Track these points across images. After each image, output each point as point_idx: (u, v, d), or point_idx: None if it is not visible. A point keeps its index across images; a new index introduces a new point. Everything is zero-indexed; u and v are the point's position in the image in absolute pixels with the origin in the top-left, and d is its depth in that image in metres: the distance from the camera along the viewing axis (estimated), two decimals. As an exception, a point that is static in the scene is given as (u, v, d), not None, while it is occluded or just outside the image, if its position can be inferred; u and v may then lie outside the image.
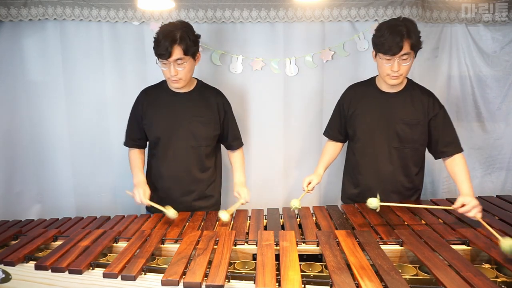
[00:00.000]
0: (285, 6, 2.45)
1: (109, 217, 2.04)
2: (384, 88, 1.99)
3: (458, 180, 1.90)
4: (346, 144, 2.22)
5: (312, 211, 2.00)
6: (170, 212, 1.87)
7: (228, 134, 2.16)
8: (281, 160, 2.68)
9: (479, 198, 2.16)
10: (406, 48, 1.78)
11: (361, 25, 2.49)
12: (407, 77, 1.99)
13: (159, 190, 2.12)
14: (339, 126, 2.13)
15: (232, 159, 2.22)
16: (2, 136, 2.51)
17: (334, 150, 2.17)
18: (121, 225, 1.86)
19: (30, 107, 2.54)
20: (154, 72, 2.32)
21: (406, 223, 1.78)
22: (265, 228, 1.83)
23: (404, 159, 2.01)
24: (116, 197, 2.67)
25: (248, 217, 1.96)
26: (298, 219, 1.92)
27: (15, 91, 2.51)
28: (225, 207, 2.25)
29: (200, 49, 2.50)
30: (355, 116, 2.04)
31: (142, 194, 1.95)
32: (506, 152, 2.69)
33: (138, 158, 2.12)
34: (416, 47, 1.82)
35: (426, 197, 2.68)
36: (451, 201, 2.10)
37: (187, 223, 1.89)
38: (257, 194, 2.72)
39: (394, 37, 1.75)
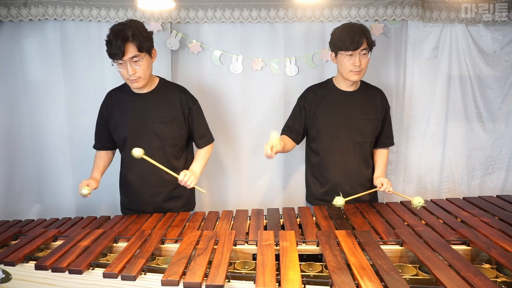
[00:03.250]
0: (285, 6, 2.45)
1: (109, 217, 2.04)
2: (343, 87, 2.13)
3: (378, 165, 2.18)
4: (304, 148, 2.30)
5: (312, 211, 2.00)
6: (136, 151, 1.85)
7: (194, 132, 2.11)
8: (281, 159, 2.68)
9: (479, 198, 2.16)
10: (364, 44, 1.97)
11: (361, 25, 2.49)
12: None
13: (129, 193, 2.12)
14: (298, 127, 2.18)
15: (197, 153, 2.16)
16: (2, 136, 2.51)
17: (288, 142, 2.15)
18: (121, 225, 1.87)
19: (30, 107, 2.54)
20: (153, 72, 2.32)
21: (406, 223, 1.78)
22: (265, 228, 1.83)
23: (365, 153, 2.16)
24: (116, 197, 2.67)
25: (248, 217, 1.96)
26: (298, 219, 1.92)
27: (15, 91, 2.51)
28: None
29: (200, 49, 2.52)
30: (317, 116, 2.13)
31: (82, 183, 1.92)
32: (506, 152, 2.69)
33: (100, 158, 2.15)
34: (371, 45, 2.01)
35: (427, 197, 2.67)
36: (451, 201, 2.11)
37: (187, 223, 1.89)
38: (257, 194, 2.73)
39: (353, 35, 1.95)
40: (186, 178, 1.93)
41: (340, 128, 2.10)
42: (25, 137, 2.57)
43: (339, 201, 1.83)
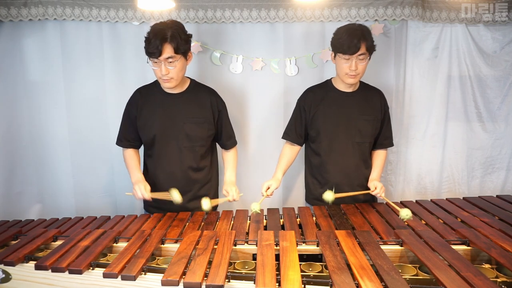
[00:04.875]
0: (285, 6, 2.45)
1: (109, 217, 2.04)
2: (342, 88, 2.13)
3: (375, 167, 2.19)
4: (303, 148, 2.31)
5: (312, 212, 2.00)
6: (174, 195, 1.89)
7: (223, 133, 2.16)
8: (281, 160, 2.68)
9: (479, 198, 2.17)
10: (362, 48, 1.95)
11: (361, 25, 2.49)
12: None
13: (156, 191, 2.10)
14: (300, 129, 2.19)
15: (225, 157, 2.23)
16: (2, 136, 2.50)
17: (292, 154, 2.23)
18: (121, 225, 1.87)
19: (30, 107, 2.54)
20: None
21: (406, 223, 1.78)
22: (265, 228, 1.83)
23: (364, 153, 2.16)
24: (116, 197, 2.67)
25: (248, 217, 1.97)
26: (298, 219, 1.92)
27: (15, 91, 2.51)
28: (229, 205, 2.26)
29: (200, 49, 2.52)
30: (317, 117, 2.13)
31: (143, 189, 1.94)
32: (506, 152, 2.69)
33: (133, 157, 2.12)
34: (370, 49, 1.99)
35: (427, 197, 2.68)
36: (451, 201, 2.11)
37: (187, 223, 1.89)
38: (257, 194, 2.72)
39: (352, 38, 1.92)
40: (235, 195, 2.02)
41: (339, 128, 2.10)
42: (25, 137, 2.57)
43: (328, 196, 1.84)
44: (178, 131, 2.02)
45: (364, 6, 2.44)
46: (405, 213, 1.73)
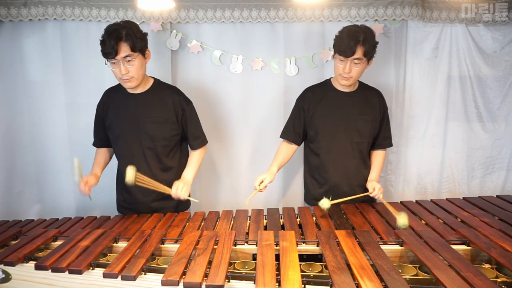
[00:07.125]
0: (285, 6, 2.45)
1: (109, 217, 2.05)
2: (341, 88, 2.12)
3: (373, 168, 2.18)
4: (302, 148, 2.30)
5: (312, 212, 2.00)
6: (128, 172, 1.86)
7: (188, 133, 2.12)
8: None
9: (479, 198, 2.17)
10: (358, 53, 1.92)
11: (361, 25, 2.49)
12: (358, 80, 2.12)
13: (124, 191, 2.14)
14: (298, 128, 2.19)
15: (190, 156, 2.18)
16: (2, 136, 2.50)
17: (288, 152, 2.22)
18: (121, 225, 1.87)
19: (30, 107, 2.54)
20: (153, 72, 2.32)
21: (406, 223, 1.78)
22: (265, 228, 1.83)
23: (363, 153, 2.15)
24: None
25: (248, 217, 1.97)
26: (298, 219, 1.92)
27: (15, 91, 2.51)
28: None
29: (200, 49, 2.52)
30: (316, 117, 2.13)
31: (82, 185, 1.97)
32: (506, 152, 2.69)
33: (99, 155, 2.20)
34: (368, 54, 1.96)
35: (427, 197, 2.68)
36: (451, 201, 2.11)
37: (187, 223, 1.89)
38: (257, 194, 2.72)
39: (350, 41, 1.90)
40: (179, 191, 1.98)
41: (338, 128, 2.10)
42: (25, 137, 2.57)
43: (324, 203, 1.83)
44: (140, 131, 2.03)
45: (364, 6, 2.44)
46: (402, 223, 1.67)
